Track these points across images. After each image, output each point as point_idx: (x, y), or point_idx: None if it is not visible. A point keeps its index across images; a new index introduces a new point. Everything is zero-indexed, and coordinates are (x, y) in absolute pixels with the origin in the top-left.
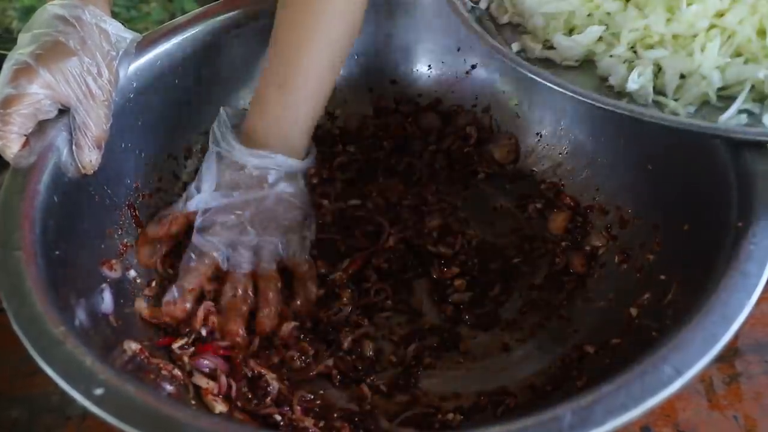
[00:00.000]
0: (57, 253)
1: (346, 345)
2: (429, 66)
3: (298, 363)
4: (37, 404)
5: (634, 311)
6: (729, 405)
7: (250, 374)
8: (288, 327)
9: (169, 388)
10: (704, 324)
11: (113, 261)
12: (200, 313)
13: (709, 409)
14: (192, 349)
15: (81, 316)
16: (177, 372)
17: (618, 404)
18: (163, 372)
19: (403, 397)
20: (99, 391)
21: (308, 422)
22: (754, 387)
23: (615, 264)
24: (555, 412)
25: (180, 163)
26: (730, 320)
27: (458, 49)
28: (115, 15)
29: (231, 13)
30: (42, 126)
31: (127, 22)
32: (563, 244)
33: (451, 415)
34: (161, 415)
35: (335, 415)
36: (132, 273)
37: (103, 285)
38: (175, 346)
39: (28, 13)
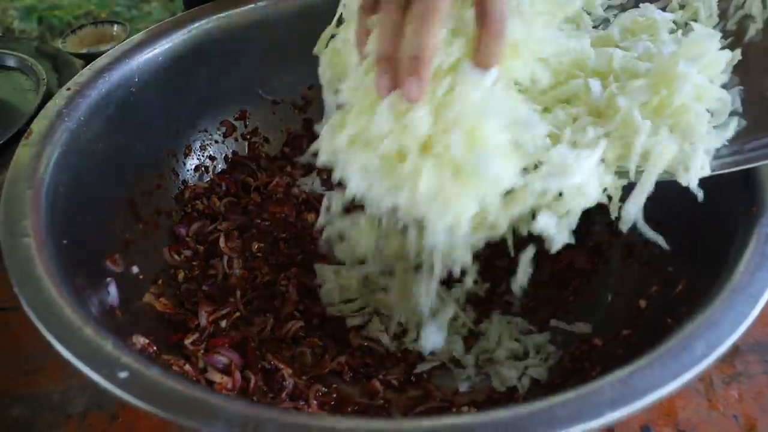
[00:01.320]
0: (65, 242)
1: (355, 343)
2: None
3: (310, 358)
4: (38, 402)
5: (642, 303)
6: (729, 404)
7: (268, 366)
8: (294, 325)
9: None
10: (732, 303)
11: (116, 255)
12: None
13: (709, 409)
14: (205, 344)
15: (91, 306)
16: (188, 368)
17: (656, 379)
18: (174, 368)
19: (415, 392)
20: (124, 375)
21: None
22: (753, 386)
23: (619, 259)
24: (594, 386)
25: (180, 160)
26: (756, 298)
27: None
28: (116, 14)
29: (231, 11)
30: None
31: (128, 22)
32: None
33: (465, 409)
34: (192, 397)
35: (350, 409)
36: (135, 269)
37: (109, 278)
38: (188, 342)
39: (29, 12)
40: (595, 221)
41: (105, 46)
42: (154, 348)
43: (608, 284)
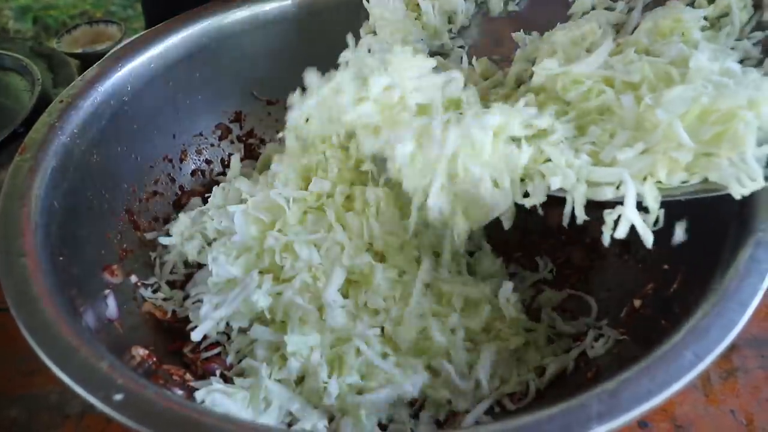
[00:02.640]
0: (61, 258)
1: None
2: None
3: None
4: (35, 403)
5: (637, 302)
6: (726, 399)
7: None
8: None
9: (179, 392)
10: (721, 310)
11: (114, 266)
12: None
13: (706, 404)
14: (205, 353)
15: (89, 321)
16: (189, 376)
17: (643, 391)
18: (174, 377)
19: None
20: (119, 397)
21: None
22: (750, 381)
23: (615, 256)
24: (582, 400)
25: (176, 165)
26: (746, 305)
27: None
28: (111, 14)
29: (225, 14)
30: None
31: (124, 21)
32: (563, 238)
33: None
34: (186, 418)
35: None
36: (134, 278)
37: (107, 291)
38: (186, 350)
39: (24, 12)
40: (591, 217)
41: (100, 46)
42: (154, 359)
43: (604, 281)
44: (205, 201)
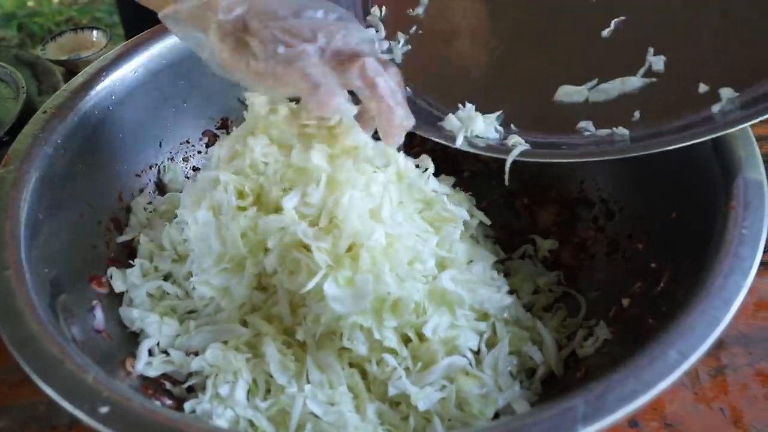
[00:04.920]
0: (46, 270)
1: None
2: None
3: None
4: (23, 414)
5: (626, 301)
6: (715, 397)
7: None
8: None
9: (168, 402)
10: (705, 308)
11: (102, 277)
12: None
13: (695, 402)
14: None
15: (75, 333)
16: (177, 386)
17: (629, 391)
18: (166, 386)
19: None
20: (104, 410)
21: None
22: (739, 379)
23: (604, 255)
24: (568, 402)
25: (162, 172)
26: (729, 302)
27: None
28: (97, 20)
29: None
30: None
31: (110, 28)
32: (552, 237)
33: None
34: (173, 429)
35: None
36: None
37: (94, 302)
38: None
39: (8, 19)
40: (581, 217)
41: (86, 53)
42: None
43: (592, 281)
44: None
